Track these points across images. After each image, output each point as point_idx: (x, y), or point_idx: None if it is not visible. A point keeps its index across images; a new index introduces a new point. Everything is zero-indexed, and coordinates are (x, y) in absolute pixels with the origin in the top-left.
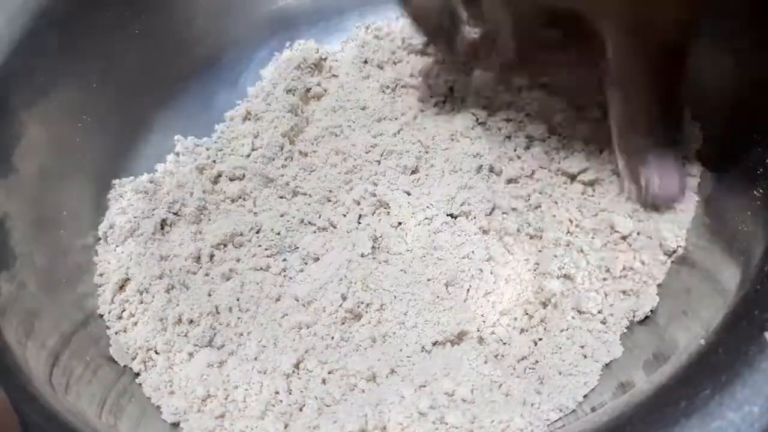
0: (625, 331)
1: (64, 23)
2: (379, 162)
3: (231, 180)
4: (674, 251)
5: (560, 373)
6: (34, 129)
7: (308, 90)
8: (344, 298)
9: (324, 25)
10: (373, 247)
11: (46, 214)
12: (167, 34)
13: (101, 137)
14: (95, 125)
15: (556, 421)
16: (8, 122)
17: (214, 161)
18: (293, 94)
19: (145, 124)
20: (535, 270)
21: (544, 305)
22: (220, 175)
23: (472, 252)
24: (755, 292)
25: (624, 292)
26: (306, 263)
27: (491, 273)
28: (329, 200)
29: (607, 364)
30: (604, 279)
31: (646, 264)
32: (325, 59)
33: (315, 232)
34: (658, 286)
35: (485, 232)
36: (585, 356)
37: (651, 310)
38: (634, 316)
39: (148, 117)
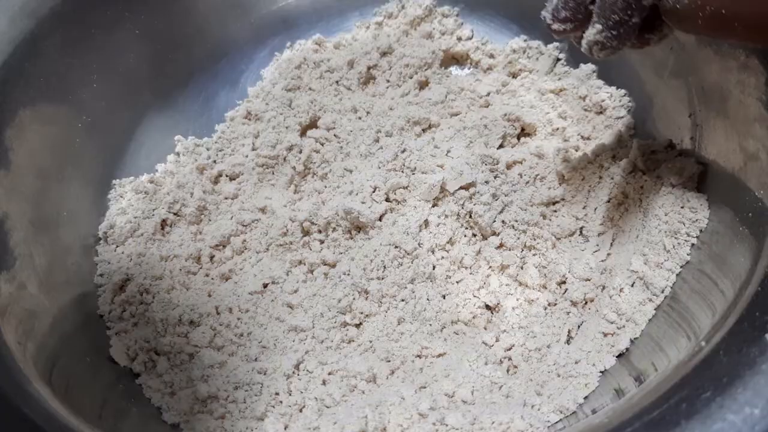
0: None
1: (64, 24)
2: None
3: (231, 180)
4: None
5: (560, 376)
6: (34, 129)
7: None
8: (342, 309)
9: (324, 25)
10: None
11: (46, 214)
12: (168, 35)
13: (101, 137)
14: (95, 125)
15: (556, 422)
16: (8, 122)
17: (215, 161)
18: (293, 94)
19: (145, 124)
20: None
21: (545, 307)
22: (220, 175)
23: (465, 254)
24: (756, 293)
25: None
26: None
27: (488, 274)
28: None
29: (603, 371)
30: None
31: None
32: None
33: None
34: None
35: (485, 237)
36: (585, 359)
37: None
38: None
39: (148, 117)
